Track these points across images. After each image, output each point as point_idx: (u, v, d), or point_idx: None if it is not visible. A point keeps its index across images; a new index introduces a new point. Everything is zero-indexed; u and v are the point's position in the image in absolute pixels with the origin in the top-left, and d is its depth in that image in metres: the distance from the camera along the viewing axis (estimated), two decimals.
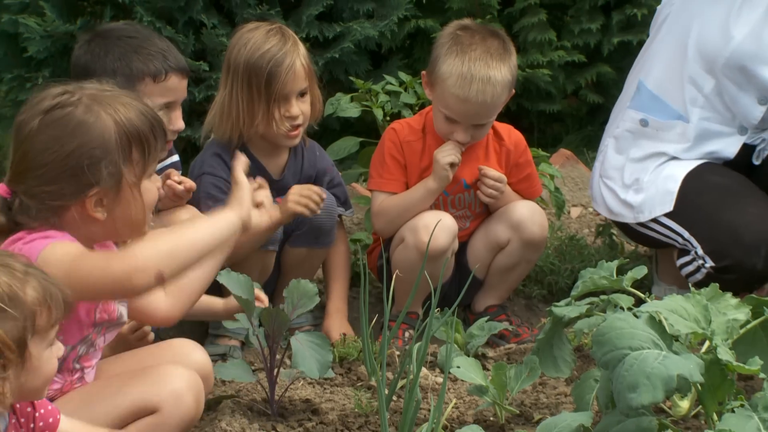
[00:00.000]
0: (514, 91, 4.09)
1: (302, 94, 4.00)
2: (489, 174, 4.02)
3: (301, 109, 3.98)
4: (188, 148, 5.18)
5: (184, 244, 2.74)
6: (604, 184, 4.18)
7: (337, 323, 4.11)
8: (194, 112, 5.04)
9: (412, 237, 3.93)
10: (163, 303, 2.90)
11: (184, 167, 4.10)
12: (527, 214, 4.04)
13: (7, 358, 2.34)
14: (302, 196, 3.81)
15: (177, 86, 3.81)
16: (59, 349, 2.46)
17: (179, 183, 3.72)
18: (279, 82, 3.92)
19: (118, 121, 2.77)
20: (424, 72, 4.11)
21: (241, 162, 3.07)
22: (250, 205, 2.96)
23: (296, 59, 3.96)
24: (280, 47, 3.97)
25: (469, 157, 4.08)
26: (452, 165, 3.92)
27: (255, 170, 3.61)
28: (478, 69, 3.92)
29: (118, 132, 2.77)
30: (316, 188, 3.88)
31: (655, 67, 4.12)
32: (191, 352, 3.06)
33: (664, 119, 4.07)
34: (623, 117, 4.18)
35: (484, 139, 4.12)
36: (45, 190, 2.76)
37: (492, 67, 3.94)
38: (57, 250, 2.68)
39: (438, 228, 3.79)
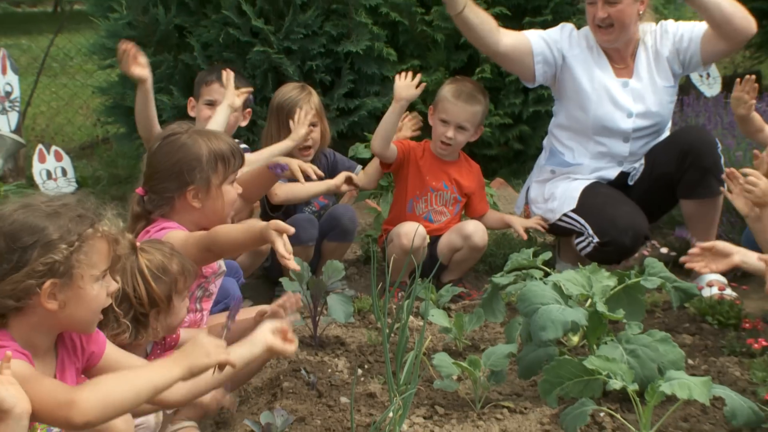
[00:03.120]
0: (482, 128, 4.11)
1: (313, 125, 3.97)
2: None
3: (311, 136, 3.95)
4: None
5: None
6: (535, 207, 4.22)
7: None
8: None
9: (397, 240, 3.92)
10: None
11: None
12: (473, 231, 4.02)
13: (161, 308, 2.40)
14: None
15: (217, 90, 3.91)
16: (187, 303, 2.50)
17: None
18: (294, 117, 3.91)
19: (210, 145, 2.80)
20: (431, 106, 4.12)
21: None
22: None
23: (306, 104, 3.95)
24: (297, 95, 3.99)
25: (453, 169, 4.10)
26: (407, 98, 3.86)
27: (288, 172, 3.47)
28: (467, 89, 4.01)
29: (208, 152, 2.78)
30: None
31: (558, 138, 4.16)
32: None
33: (565, 168, 4.12)
34: (541, 170, 4.24)
35: (463, 160, 4.16)
36: (160, 186, 2.78)
37: (475, 93, 4.02)
38: (172, 239, 2.63)
39: (415, 234, 3.80)
